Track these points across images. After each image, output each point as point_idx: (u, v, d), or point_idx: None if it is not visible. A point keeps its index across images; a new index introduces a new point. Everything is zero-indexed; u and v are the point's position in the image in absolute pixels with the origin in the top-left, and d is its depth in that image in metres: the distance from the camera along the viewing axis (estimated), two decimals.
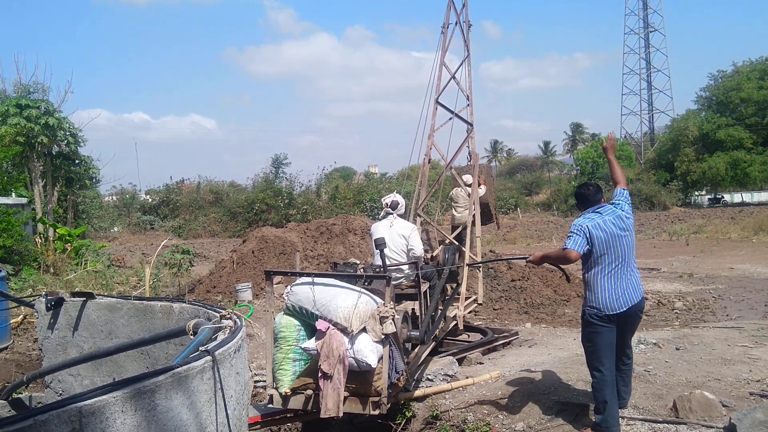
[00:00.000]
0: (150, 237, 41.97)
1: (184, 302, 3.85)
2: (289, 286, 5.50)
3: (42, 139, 19.07)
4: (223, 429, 2.44)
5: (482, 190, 10.00)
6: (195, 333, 2.89)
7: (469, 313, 9.17)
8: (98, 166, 23.24)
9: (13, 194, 19.27)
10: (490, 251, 15.03)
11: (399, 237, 6.70)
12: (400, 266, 6.64)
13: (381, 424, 6.05)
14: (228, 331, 2.77)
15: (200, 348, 2.44)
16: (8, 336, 8.99)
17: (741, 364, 6.27)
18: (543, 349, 8.11)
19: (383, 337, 5.00)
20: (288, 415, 5.83)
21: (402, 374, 5.33)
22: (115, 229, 45.51)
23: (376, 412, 5.11)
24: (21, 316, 9.87)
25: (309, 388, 5.13)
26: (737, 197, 63.04)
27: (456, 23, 10.03)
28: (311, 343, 5.02)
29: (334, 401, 4.79)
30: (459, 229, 9.69)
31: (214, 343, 2.53)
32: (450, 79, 9.81)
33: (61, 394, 4.26)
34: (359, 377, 5.02)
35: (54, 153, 20.80)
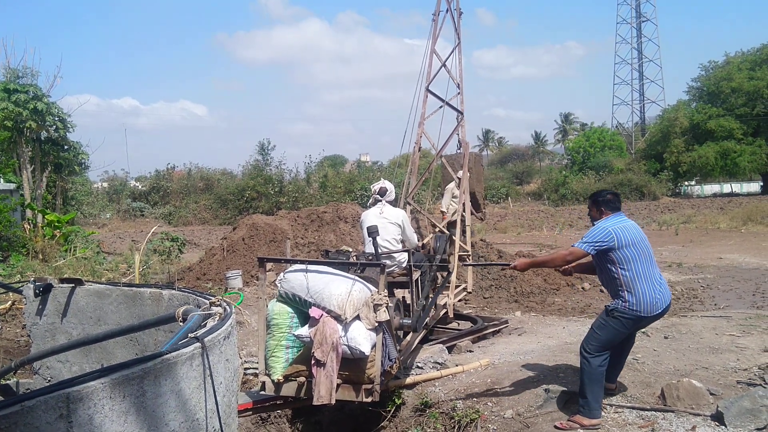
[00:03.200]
0: (140, 224, 41.81)
1: (174, 289, 3.83)
2: (281, 273, 5.48)
3: (30, 124, 18.90)
4: (212, 416, 2.43)
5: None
6: (184, 320, 2.88)
7: (458, 301, 9.19)
8: (87, 152, 23.01)
9: (2, 180, 19.12)
10: (481, 240, 15.04)
11: (390, 224, 6.66)
12: (392, 254, 6.62)
13: (371, 411, 6.07)
14: (217, 318, 2.76)
15: (189, 335, 2.42)
16: None
17: (728, 352, 6.32)
18: (532, 337, 8.15)
19: (377, 324, 5.00)
20: (278, 402, 5.83)
21: (395, 362, 5.34)
22: (107, 216, 45.28)
23: (369, 399, 5.12)
24: (9, 303, 9.82)
25: (302, 375, 5.13)
26: (726, 187, 63.39)
27: (447, 11, 9.98)
28: (305, 331, 5.02)
29: (326, 388, 4.80)
30: (450, 219, 9.64)
31: (203, 330, 2.52)
32: (440, 67, 9.77)
33: (49, 380, 4.24)
34: (352, 364, 5.02)
35: (43, 138, 20.63)
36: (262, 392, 5.35)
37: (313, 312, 4.96)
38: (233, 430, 2.79)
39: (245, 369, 6.91)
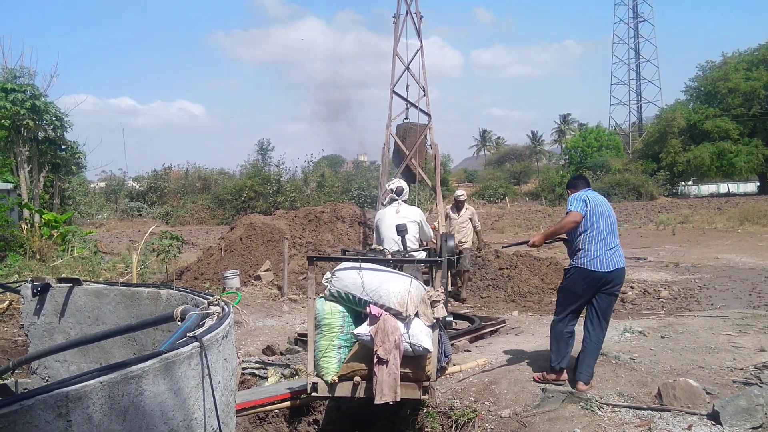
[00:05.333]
0: (137, 224, 41.78)
1: (172, 289, 3.83)
2: (329, 272, 5.39)
3: (28, 123, 18.88)
4: (210, 415, 2.44)
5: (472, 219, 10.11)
6: (182, 319, 2.88)
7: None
8: (85, 151, 22.99)
9: None
10: (481, 240, 15.03)
11: (409, 223, 6.62)
12: (412, 253, 6.59)
13: (367, 410, 6.07)
14: (216, 317, 2.76)
15: (188, 334, 2.43)
16: None
17: (725, 352, 6.34)
18: (530, 336, 8.16)
19: (434, 321, 5.00)
20: (276, 401, 5.83)
21: (449, 358, 5.35)
22: (104, 215, 45.24)
23: (426, 396, 5.10)
24: (6, 302, 9.81)
25: (357, 375, 5.04)
26: (723, 187, 63.52)
27: (407, 13, 10.01)
28: (364, 329, 4.91)
29: (390, 386, 4.72)
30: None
31: (201, 330, 2.53)
32: (404, 70, 9.84)
33: (47, 380, 4.25)
34: (411, 362, 4.94)
35: (40, 138, 20.58)
36: (314, 394, 5.20)
37: (373, 310, 4.86)
38: (231, 429, 2.80)
39: (243, 368, 6.92)
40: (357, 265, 5.20)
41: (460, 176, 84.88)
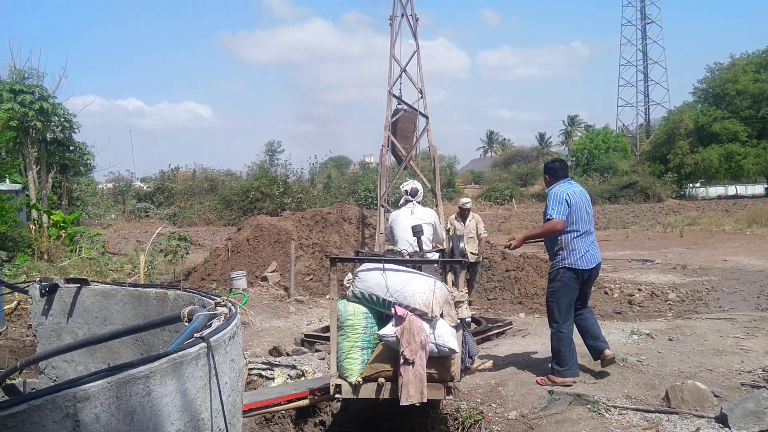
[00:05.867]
0: (145, 224, 41.90)
1: (179, 289, 3.83)
2: (349, 273, 5.38)
3: (36, 124, 18.98)
4: (217, 415, 2.44)
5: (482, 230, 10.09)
6: (190, 320, 2.88)
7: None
8: (93, 152, 23.10)
9: (7, 180, 19.16)
10: (486, 242, 15.01)
11: (424, 224, 6.62)
12: (426, 254, 6.58)
13: (373, 412, 6.07)
14: (223, 318, 2.76)
15: (195, 335, 2.43)
16: (2, 322, 8.99)
17: (733, 355, 6.31)
18: (536, 338, 8.15)
19: (458, 321, 4.99)
20: (281, 403, 5.83)
21: (473, 358, 5.35)
22: (112, 216, 45.41)
23: (450, 396, 5.09)
24: (14, 303, 9.85)
25: (381, 376, 5.01)
26: (731, 189, 63.25)
27: (402, 15, 10.02)
28: (389, 330, 4.89)
29: (416, 387, 4.70)
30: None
31: (208, 330, 2.53)
32: (401, 73, 9.85)
33: (55, 380, 4.26)
34: (436, 362, 4.93)
35: (48, 139, 20.70)
36: (338, 395, 5.18)
37: (399, 311, 4.85)
38: (238, 430, 2.80)
39: (249, 369, 6.93)
40: (379, 265, 5.16)
41: (467, 178, 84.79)
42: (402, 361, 4.74)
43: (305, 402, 5.69)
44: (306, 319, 10.07)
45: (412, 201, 6.81)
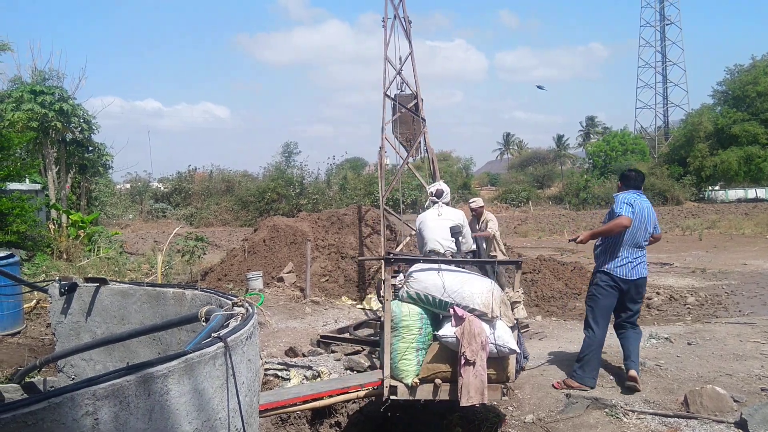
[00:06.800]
0: (162, 225, 42.19)
1: (196, 289, 3.85)
2: (400, 275, 5.38)
3: (56, 125, 19.17)
4: (234, 415, 2.45)
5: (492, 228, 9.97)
6: (207, 320, 2.89)
7: None
8: (111, 153, 23.31)
9: (27, 180, 19.38)
10: (504, 244, 14.95)
11: (452, 225, 6.62)
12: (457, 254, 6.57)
13: (390, 414, 6.06)
14: (240, 318, 2.77)
15: (212, 334, 2.44)
16: (21, 321, 9.07)
17: (753, 359, 6.24)
18: (553, 341, 8.11)
19: (515, 322, 4.98)
20: (297, 404, 5.84)
21: (528, 359, 5.35)
22: (129, 216, 45.77)
23: (506, 397, 5.09)
24: (34, 301, 9.95)
25: (438, 377, 5.00)
26: (751, 192, 62.55)
27: (395, 17, 10.00)
28: (448, 330, 4.87)
29: (476, 388, 4.70)
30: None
31: (226, 330, 2.53)
32: (396, 75, 9.86)
33: (73, 378, 4.29)
34: (494, 363, 4.93)
35: (68, 140, 20.90)
36: (393, 397, 5.11)
37: (459, 311, 4.85)
38: (255, 430, 2.80)
39: (265, 370, 6.94)
40: (434, 266, 5.17)
41: (483, 180, 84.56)
42: (463, 361, 4.72)
43: (351, 395, 5.63)
44: (322, 320, 10.08)
45: (438, 202, 6.81)
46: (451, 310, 4.88)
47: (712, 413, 4.85)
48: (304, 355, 7.70)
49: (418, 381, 4.99)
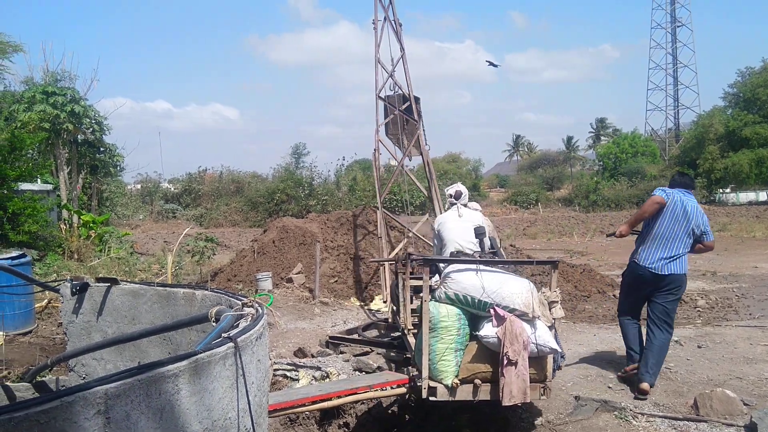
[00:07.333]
0: (172, 225, 42.32)
1: (207, 290, 3.87)
2: (435, 275, 5.37)
3: (67, 126, 19.31)
4: (244, 415, 2.46)
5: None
6: (217, 320, 2.91)
7: None
8: (122, 154, 23.47)
9: (39, 180, 19.52)
10: (510, 245, 14.95)
11: (474, 226, 6.62)
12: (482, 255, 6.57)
13: (398, 415, 6.07)
14: (250, 318, 2.78)
15: (222, 335, 2.45)
16: (33, 320, 9.13)
17: (763, 363, 6.21)
18: (562, 344, 8.08)
19: (553, 321, 5.01)
20: (306, 404, 5.86)
21: (564, 358, 5.39)
22: (140, 217, 45.99)
23: (545, 397, 5.08)
24: (45, 301, 10.01)
25: (478, 377, 5.00)
26: (762, 195, 62.14)
27: (385, 19, 10.00)
28: (489, 331, 4.89)
29: (519, 387, 4.72)
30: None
31: (236, 330, 2.55)
32: (387, 78, 9.86)
33: (84, 377, 4.32)
34: (534, 363, 4.93)
35: (79, 140, 21.06)
36: (432, 398, 5.09)
37: (499, 311, 4.87)
38: (264, 430, 2.82)
39: (274, 370, 6.96)
40: (472, 266, 5.19)
41: (492, 181, 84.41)
42: (505, 361, 4.73)
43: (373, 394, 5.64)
44: (330, 321, 10.09)
45: (456, 203, 6.81)
46: (492, 311, 4.90)
47: (722, 416, 4.84)
48: (313, 356, 7.72)
49: (458, 382, 4.99)
